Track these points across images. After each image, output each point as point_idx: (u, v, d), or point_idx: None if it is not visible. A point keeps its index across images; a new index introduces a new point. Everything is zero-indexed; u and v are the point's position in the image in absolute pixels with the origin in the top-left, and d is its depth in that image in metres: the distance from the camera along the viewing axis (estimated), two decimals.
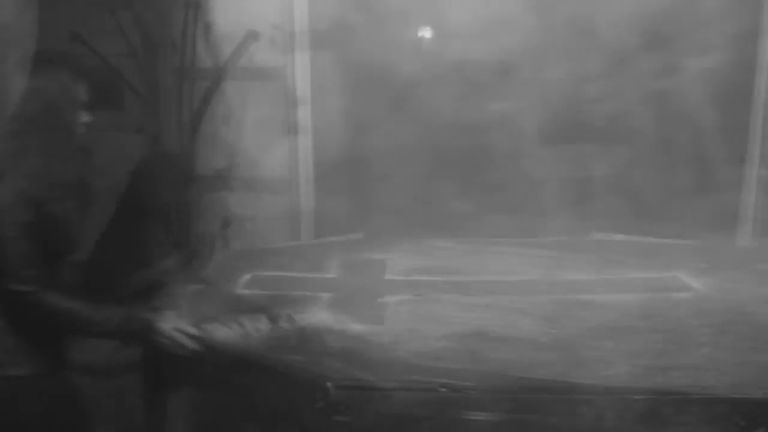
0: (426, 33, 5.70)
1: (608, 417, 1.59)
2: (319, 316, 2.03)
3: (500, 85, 4.15)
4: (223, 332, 1.89)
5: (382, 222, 3.61)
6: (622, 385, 1.62)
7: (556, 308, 2.11)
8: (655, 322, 1.98)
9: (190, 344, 1.86)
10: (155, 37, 4.56)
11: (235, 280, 2.38)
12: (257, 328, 1.92)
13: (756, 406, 1.55)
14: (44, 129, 1.90)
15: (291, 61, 4.47)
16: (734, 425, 1.55)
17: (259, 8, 4.46)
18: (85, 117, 2.02)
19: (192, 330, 1.89)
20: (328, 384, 1.63)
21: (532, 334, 1.91)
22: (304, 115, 4.58)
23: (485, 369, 1.70)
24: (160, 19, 4.58)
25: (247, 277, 2.41)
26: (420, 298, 2.21)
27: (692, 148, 4.51)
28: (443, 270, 2.52)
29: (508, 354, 1.78)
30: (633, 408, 1.59)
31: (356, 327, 1.96)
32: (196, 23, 4.57)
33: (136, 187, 4.39)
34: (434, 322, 1.99)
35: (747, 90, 3.93)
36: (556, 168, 3.88)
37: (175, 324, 1.91)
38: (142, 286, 4.10)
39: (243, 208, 4.77)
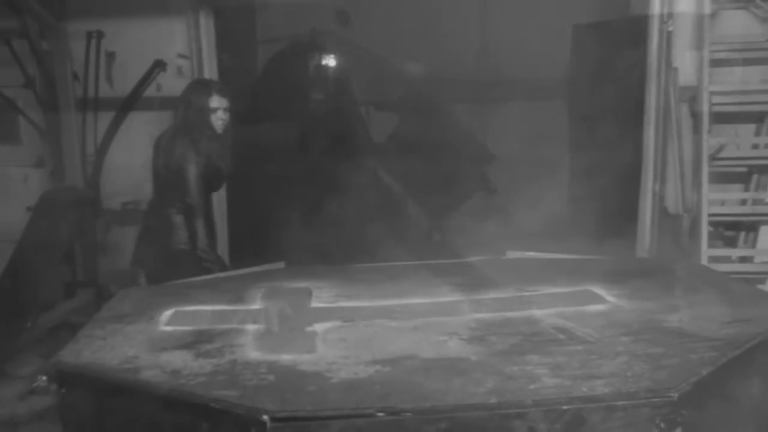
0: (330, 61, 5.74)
1: (540, 429, 1.64)
2: (248, 349, 2.00)
3: None
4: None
5: (301, 251, 3.61)
6: (550, 397, 1.69)
7: (481, 327, 2.17)
8: (575, 335, 2.07)
9: None
10: (55, 68, 4.39)
11: (156, 317, 2.30)
12: None
13: (673, 407, 1.65)
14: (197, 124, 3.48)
15: None
16: (655, 427, 1.64)
17: (164, 37, 4.39)
18: (222, 116, 3.51)
19: None
20: (264, 417, 1.60)
21: (462, 354, 1.95)
22: None
23: (420, 391, 1.72)
24: (59, 48, 4.42)
25: (168, 312, 2.34)
26: (349, 324, 2.21)
27: (590, 167, 4.79)
28: (368, 295, 2.54)
29: (440, 374, 1.81)
30: (562, 418, 1.66)
31: (287, 357, 1.94)
32: (99, 53, 4.44)
33: (38, 224, 4.17)
34: (365, 348, 2.00)
35: (639, 108, 4.23)
36: (472, 191, 4.04)
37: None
38: (46, 328, 3.89)
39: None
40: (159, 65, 4.27)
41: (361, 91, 4.91)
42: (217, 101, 3.49)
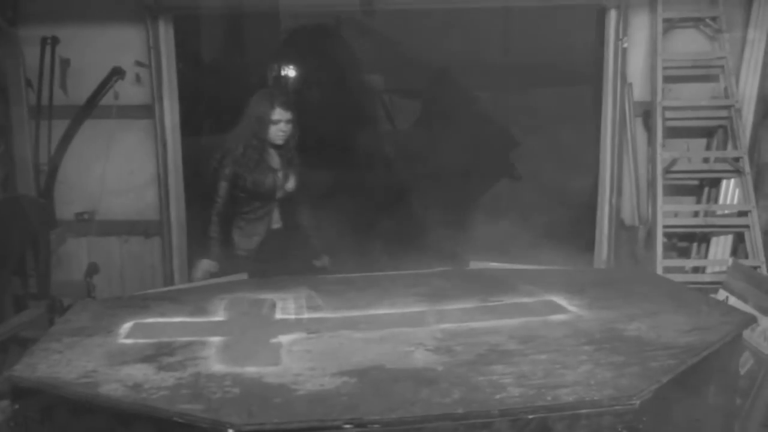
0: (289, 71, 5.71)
1: None
2: (212, 361, 1.96)
3: None
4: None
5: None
6: (516, 407, 1.70)
7: (446, 337, 2.18)
8: (538, 344, 2.10)
9: None
10: (7, 74, 4.26)
11: (115, 329, 2.24)
12: None
13: (635, 414, 1.69)
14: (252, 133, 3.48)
15: (159, 98, 4.33)
16: None
17: (121, 44, 4.30)
18: (283, 128, 3.48)
19: None
20: (230, 431, 1.58)
21: (428, 364, 1.96)
22: (174, 153, 4.45)
23: (387, 402, 1.72)
24: (12, 54, 4.29)
25: (128, 325, 2.28)
26: (314, 335, 2.20)
27: (549, 180, 4.87)
28: (333, 306, 2.52)
29: (407, 385, 1.81)
30: (528, 427, 1.67)
31: (252, 369, 1.91)
32: (54, 59, 4.33)
33: None
34: (331, 359, 1.99)
35: (596, 120, 4.33)
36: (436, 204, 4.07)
37: None
38: None
39: (110, 253, 4.52)
40: (117, 72, 4.17)
41: (384, 79, 4.84)
42: (279, 113, 3.47)
